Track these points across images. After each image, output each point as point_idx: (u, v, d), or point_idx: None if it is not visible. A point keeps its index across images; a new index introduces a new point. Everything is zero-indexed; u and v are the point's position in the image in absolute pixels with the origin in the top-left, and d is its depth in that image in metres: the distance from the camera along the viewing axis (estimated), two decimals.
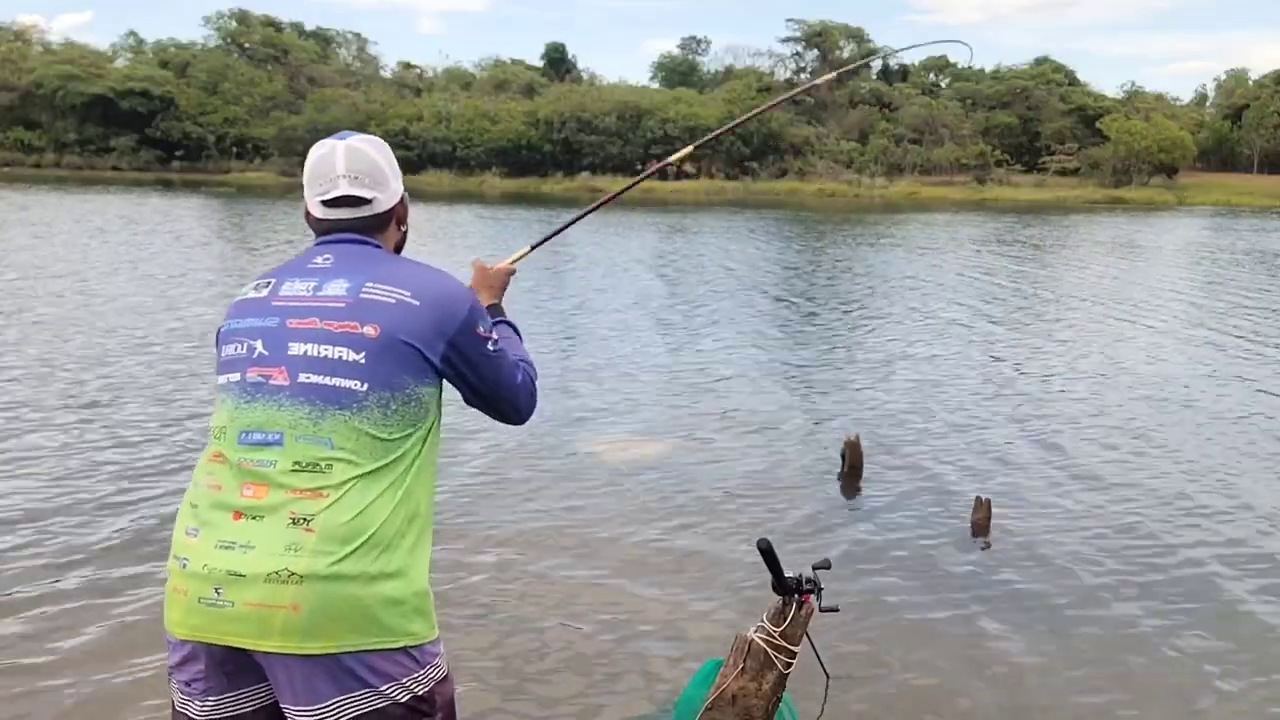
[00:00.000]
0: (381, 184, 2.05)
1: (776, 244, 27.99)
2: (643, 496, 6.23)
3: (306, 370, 1.85)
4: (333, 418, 1.84)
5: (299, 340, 1.87)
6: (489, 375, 2.04)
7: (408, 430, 1.89)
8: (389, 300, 1.90)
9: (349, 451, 1.83)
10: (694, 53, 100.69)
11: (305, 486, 1.80)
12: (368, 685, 1.81)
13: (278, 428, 1.84)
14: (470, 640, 4.28)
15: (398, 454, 1.87)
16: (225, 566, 1.79)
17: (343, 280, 1.92)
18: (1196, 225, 43.80)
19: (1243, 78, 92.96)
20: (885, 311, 15.05)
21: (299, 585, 1.76)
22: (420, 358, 1.90)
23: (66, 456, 6.63)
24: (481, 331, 2.00)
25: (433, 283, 1.96)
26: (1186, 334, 13.47)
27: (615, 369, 10.20)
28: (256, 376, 1.88)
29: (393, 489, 1.86)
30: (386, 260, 2.00)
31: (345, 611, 1.78)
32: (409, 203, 2.18)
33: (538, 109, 74.98)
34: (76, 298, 13.64)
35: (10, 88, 70.72)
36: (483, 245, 25.43)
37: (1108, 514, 6.16)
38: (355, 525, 1.80)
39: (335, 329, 1.87)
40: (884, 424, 8.17)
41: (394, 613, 1.82)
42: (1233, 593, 5.06)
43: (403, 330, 1.88)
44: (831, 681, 3.31)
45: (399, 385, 1.87)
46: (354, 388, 1.85)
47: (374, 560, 1.81)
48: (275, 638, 1.77)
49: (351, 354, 1.86)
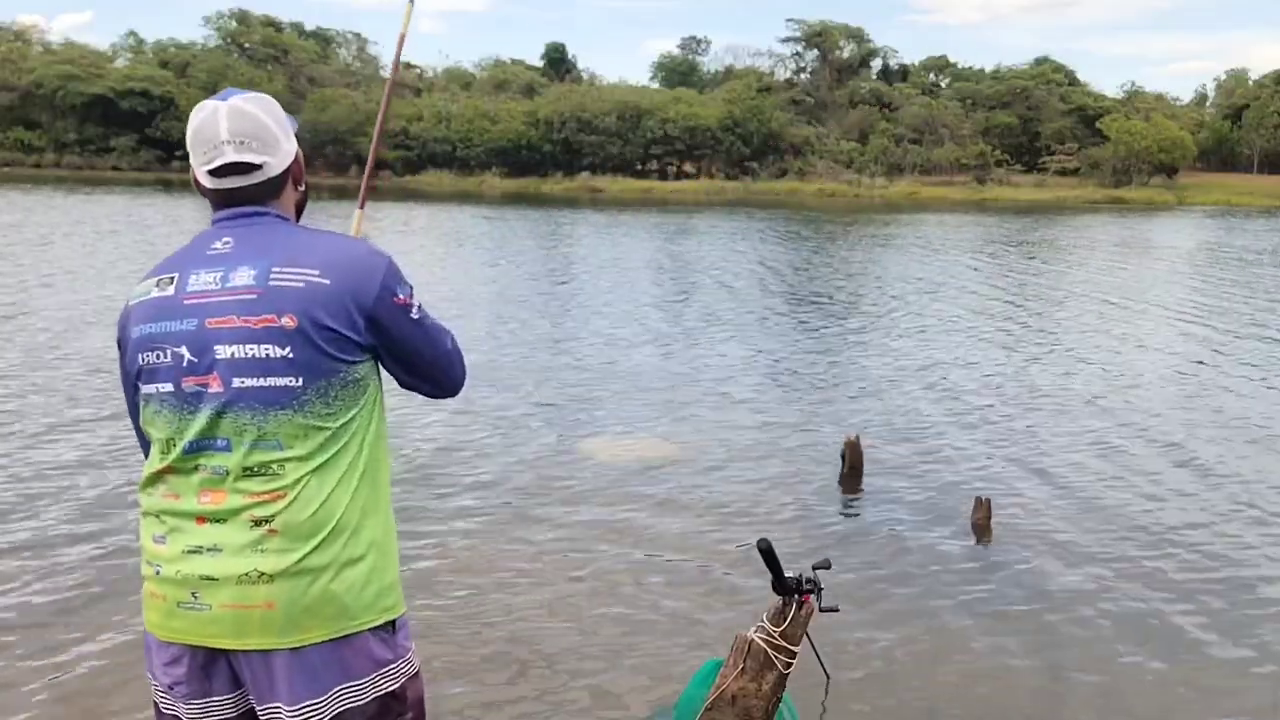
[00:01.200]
0: (271, 146, 1.89)
1: (776, 244, 27.99)
2: (642, 497, 6.23)
3: (238, 374, 1.79)
4: (275, 418, 1.79)
5: (223, 342, 1.79)
6: (416, 344, 1.94)
7: (352, 411, 1.86)
8: (298, 284, 1.80)
9: (299, 449, 1.80)
10: (694, 53, 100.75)
11: (260, 490, 1.79)
12: (347, 678, 1.83)
13: (224, 435, 1.80)
14: (469, 641, 4.28)
15: (347, 438, 1.85)
16: (197, 571, 1.80)
17: (248, 267, 1.82)
18: (1197, 225, 43.79)
19: (1243, 78, 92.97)
20: (885, 311, 15.04)
21: (270, 584, 1.77)
22: (343, 338, 1.82)
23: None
24: (401, 299, 1.88)
25: (341, 255, 1.85)
26: (1188, 334, 13.46)
27: (615, 369, 10.19)
28: (194, 386, 1.81)
29: (349, 473, 1.84)
30: (289, 234, 1.89)
31: (320, 602, 1.79)
32: (302, 161, 2.01)
33: (538, 109, 74.98)
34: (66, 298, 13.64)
35: (10, 88, 70.68)
36: (482, 245, 25.43)
37: (1108, 514, 6.16)
38: (318, 519, 1.80)
39: (255, 325, 1.79)
40: (884, 424, 8.17)
41: (369, 591, 1.84)
42: (1235, 593, 5.05)
43: (319, 314, 1.79)
44: (831, 681, 3.32)
45: (333, 370, 1.82)
46: (290, 384, 1.79)
47: (342, 548, 1.81)
48: (255, 636, 1.80)
49: (278, 350, 1.78)
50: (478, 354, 10.41)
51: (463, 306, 14.45)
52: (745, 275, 19.57)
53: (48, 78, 70.33)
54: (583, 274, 19.23)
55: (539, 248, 25.03)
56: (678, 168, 76.50)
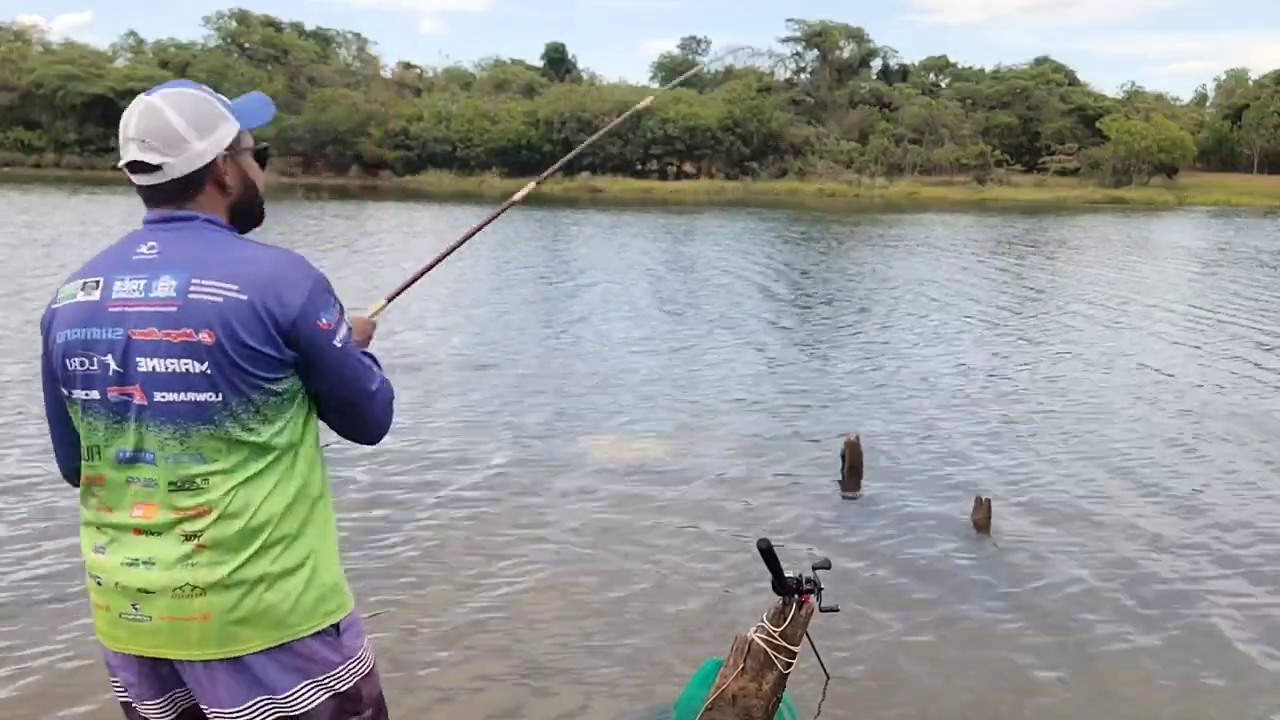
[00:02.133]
0: (174, 147, 1.81)
1: (777, 244, 27.99)
2: (642, 496, 6.23)
3: (160, 389, 1.77)
4: (198, 433, 1.77)
5: (145, 355, 1.77)
6: (334, 375, 1.85)
7: (276, 426, 1.81)
8: (216, 299, 1.75)
9: (224, 463, 1.78)
10: (694, 53, 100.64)
11: (187, 505, 1.78)
12: (289, 684, 1.83)
13: (149, 448, 1.79)
14: (468, 640, 4.29)
15: (276, 452, 1.81)
16: (135, 584, 1.82)
17: (169, 277, 1.77)
18: (1202, 225, 43.78)
19: (1243, 78, 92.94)
20: (885, 311, 15.04)
21: (203, 596, 1.78)
22: (262, 355, 1.77)
23: None
24: (323, 324, 1.81)
25: (262, 270, 1.78)
26: (1189, 334, 13.46)
27: (614, 369, 10.19)
28: (119, 396, 1.79)
29: (282, 485, 1.82)
30: (214, 244, 1.82)
31: (255, 614, 1.79)
32: (241, 164, 1.91)
33: (538, 109, 74.94)
34: None
35: (10, 88, 70.63)
36: (485, 245, 25.43)
37: (1108, 514, 6.16)
38: (247, 532, 1.78)
39: (175, 339, 1.75)
40: (884, 424, 8.17)
41: (307, 598, 1.83)
42: (1236, 593, 5.06)
43: (236, 330, 1.74)
44: (831, 681, 3.32)
45: (253, 386, 1.77)
46: (210, 400, 1.76)
47: (274, 560, 1.80)
48: (194, 647, 1.81)
49: (197, 365, 1.75)
50: (478, 353, 10.41)
51: (464, 306, 14.45)
52: (745, 275, 19.56)
53: (48, 78, 70.30)
54: (584, 274, 19.23)
55: (541, 248, 25.03)
56: (678, 168, 76.46)
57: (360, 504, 5.82)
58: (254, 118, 1.94)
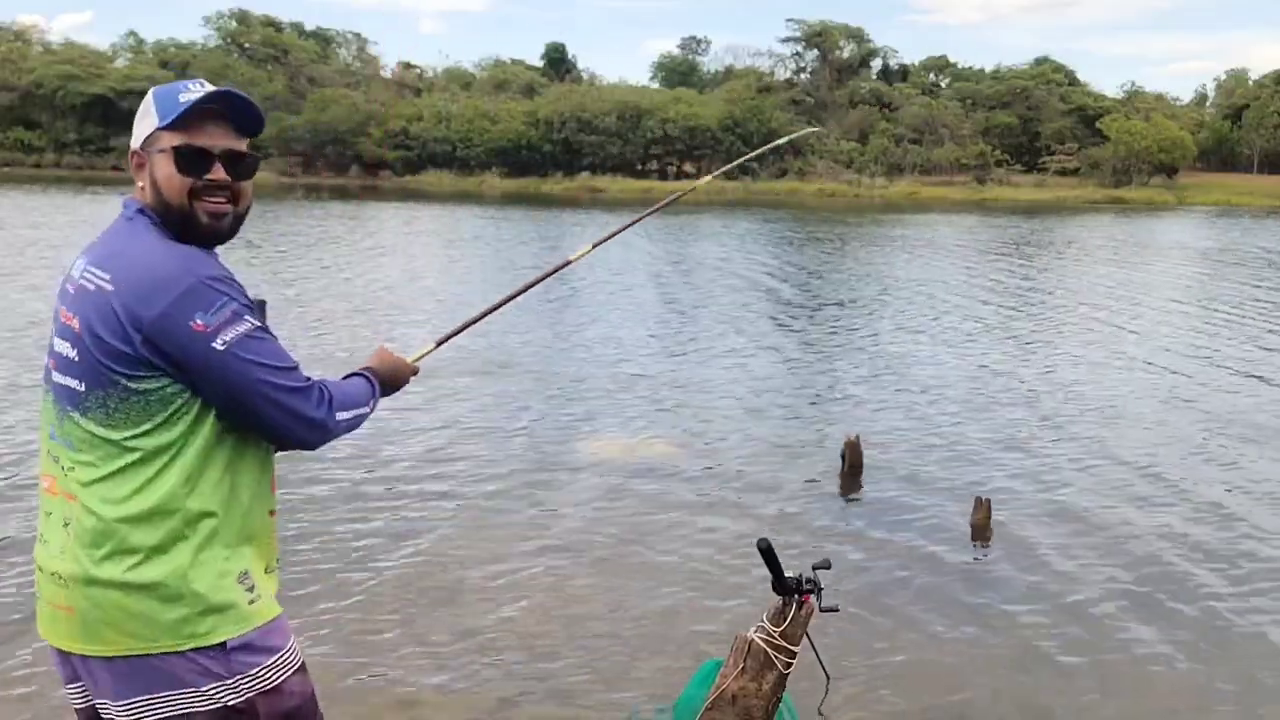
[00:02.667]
0: (133, 135, 1.88)
1: (776, 245, 27.99)
2: (643, 496, 6.23)
3: (58, 368, 1.80)
4: (68, 419, 1.77)
5: (57, 334, 1.82)
6: (215, 378, 1.72)
7: (141, 428, 1.73)
8: (90, 287, 1.74)
9: (85, 454, 1.75)
10: (694, 53, 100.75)
11: (63, 489, 1.78)
12: (164, 689, 1.75)
13: (51, 420, 1.82)
14: (467, 640, 4.29)
15: (137, 454, 1.73)
16: (38, 562, 1.85)
17: (83, 259, 1.81)
18: (1202, 225, 43.78)
19: (1243, 78, 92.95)
20: (886, 312, 15.04)
21: (67, 589, 1.76)
22: (116, 351, 1.70)
23: None
24: (198, 325, 1.68)
25: (138, 264, 1.72)
26: (1190, 334, 13.46)
27: (614, 370, 10.19)
28: (48, 369, 1.84)
29: (141, 493, 1.73)
30: (126, 234, 1.80)
31: (113, 617, 1.73)
32: (153, 163, 1.83)
33: (538, 109, 74.94)
34: None
35: (10, 88, 70.64)
36: (489, 245, 25.43)
37: (1108, 514, 6.16)
38: (100, 532, 1.73)
39: (64, 321, 1.79)
40: (884, 424, 8.17)
41: (168, 617, 1.73)
42: (1238, 594, 5.05)
43: (96, 321, 1.71)
44: (831, 681, 3.32)
45: (110, 381, 1.72)
46: (75, 387, 1.75)
47: (129, 569, 1.72)
48: (64, 639, 1.79)
49: (70, 349, 1.76)
50: (480, 355, 10.41)
51: (465, 307, 14.45)
52: (745, 275, 19.56)
53: (48, 78, 70.31)
54: (586, 274, 19.22)
55: (543, 249, 25.02)
56: (678, 168, 76.46)
57: (360, 504, 5.83)
58: (166, 114, 1.82)
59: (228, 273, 1.78)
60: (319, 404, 1.84)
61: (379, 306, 14.25)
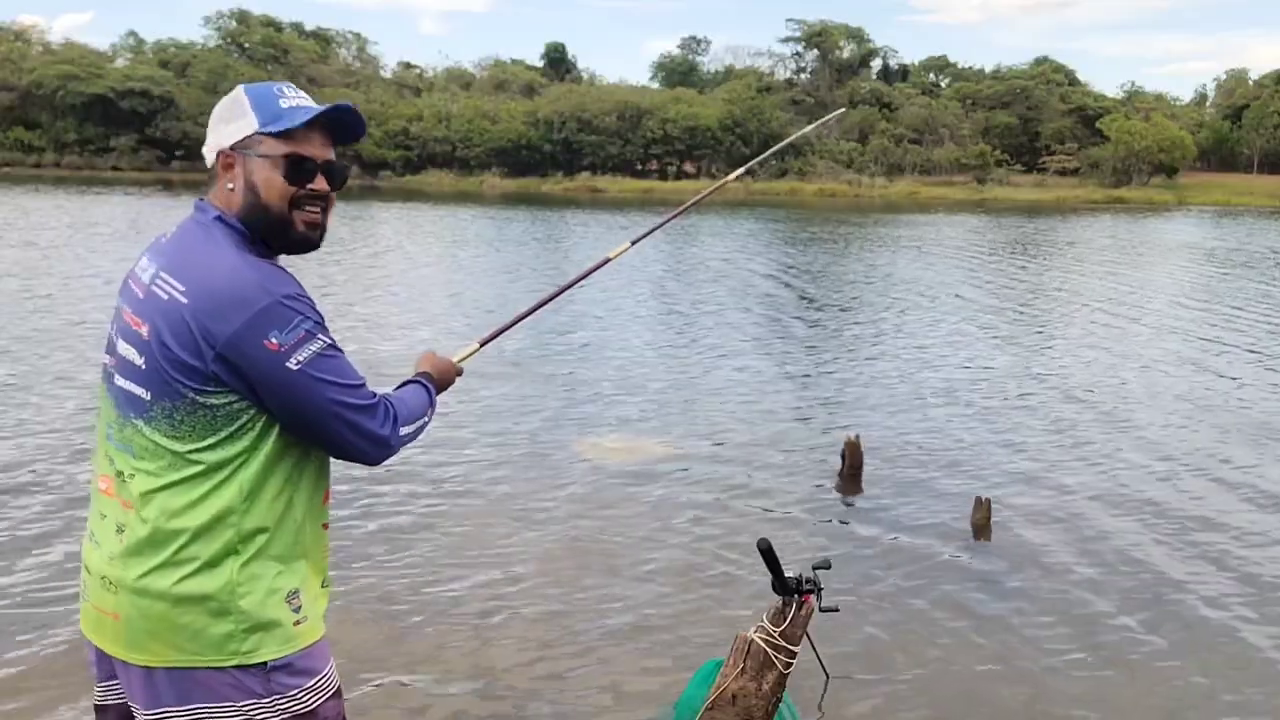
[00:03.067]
0: (211, 134, 1.84)
1: (777, 245, 27.99)
2: (642, 497, 6.23)
3: (119, 371, 1.77)
4: (130, 425, 1.74)
5: (120, 335, 1.79)
6: (285, 396, 1.70)
7: (207, 441, 1.71)
8: (163, 295, 1.70)
9: (147, 462, 1.73)
10: (694, 53, 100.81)
11: (121, 495, 1.76)
12: (201, 701, 1.74)
13: (111, 422, 1.80)
14: (469, 641, 4.29)
15: (200, 468, 1.71)
16: (86, 562, 1.84)
17: (151, 263, 1.78)
18: (1206, 226, 43.76)
19: (1243, 78, 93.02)
20: (886, 312, 15.04)
21: (116, 594, 1.74)
22: (187, 365, 1.67)
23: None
24: (272, 344, 1.66)
25: (215, 279, 1.68)
26: (1190, 334, 13.46)
27: (614, 370, 10.19)
28: (109, 366, 1.82)
29: (201, 505, 1.71)
30: (197, 240, 1.76)
31: (159, 628, 1.71)
32: (247, 167, 1.79)
33: (538, 109, 75.00)
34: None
35: (10, 88, 70.65)
36: (493, 246, 25.43)
37: (1108, 514, 6.16)
38: (154, 541, 1.71)
39: (131, 325, 1.75)
40: (884, 424, 8.17)
41: (215, 632, 1.72)
42: (1238, 594, 5.05)
43: (167, 333, 1.68)
44: (831, 681, 3.32)
45: (177, 394, 1.69)
46: (141, 395, 1.72)
47: (178, 581, 1.70)
48: (109, 643, 1.78)
49: (136, 356, 1.73)
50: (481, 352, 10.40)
51: (467, 307, 14.45)
52: (746, 275, 19.56)
53: (48, 78, 70.30)
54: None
55: (545, 249, 25.02)
56: (678, 168, 76.51)
57: (360, 503, 5.83)
58: (278, 121, 1.79)
59: (302, 290, 1.74)
60: (384, 421, 1.83)
61: (393, 308, 14.24)
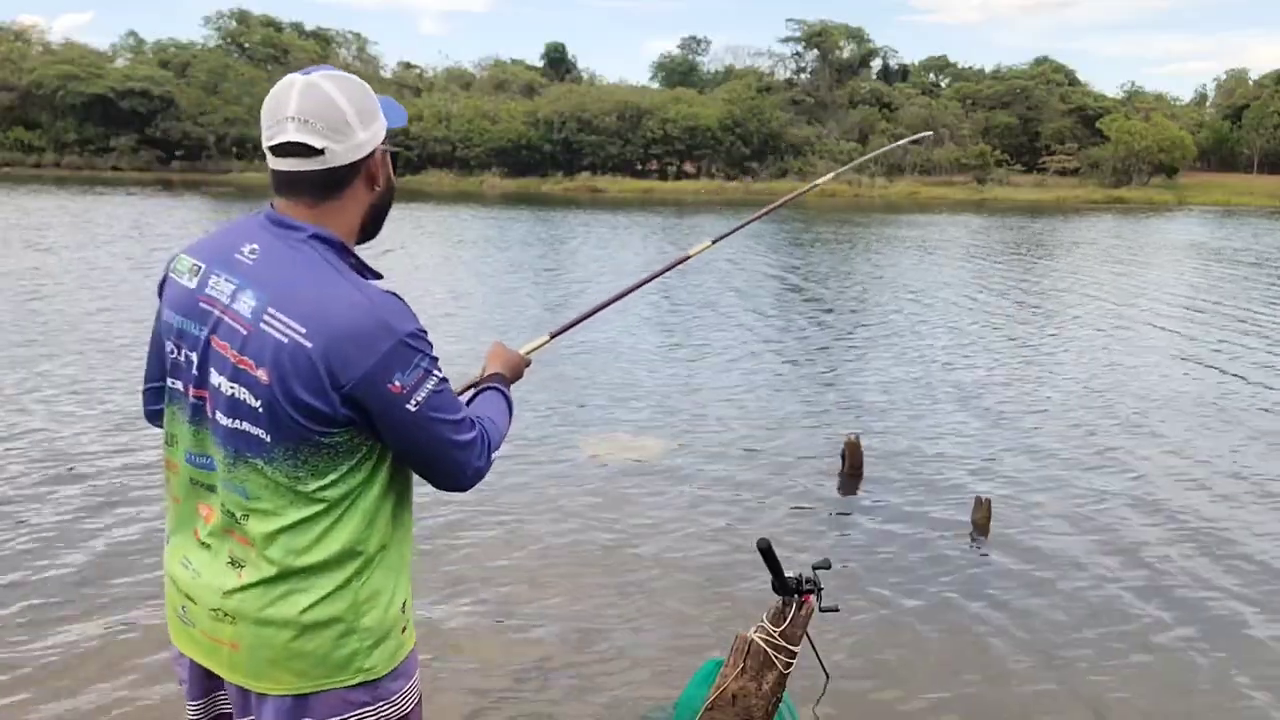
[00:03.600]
0: (338, 131, 1.68)
1: (778, 245, 27.97)
2: (643, 496, 6.23)
3: (221, 409, 1.69)
4: (245, 465, 1.68)
5: (216, 368, 1.68)
6: (403, 435, 1.69)
7: (329, 477, 1.68)
8: (282, 338, 1.61)
9: (266, 503, 1.68)
10: (694, 53, 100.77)
11: (235, 531, 1.72)
12: (322, 716, 1.74)
13: (214, 457, 1.73)
14: (469, 640, 4.29)
15: (324, 504, 1.68)
16: (184, 588, 1.80)
17: (251, 295, 1.65)
18: (1210, 226, 43.75)
19: (1243, 78, 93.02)
20: (886, 312, 15.04)
21: (234, 625, 1.72)
22: (314, 410, 1.62)
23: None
24: (395, 387, 1.63)
25: (340, 320, 1.61)
26: (1190, 334, 13.46)
27: (615, 370, 10.19)
28: (196, 399, 1.73)
29: (326, 539, 1.69)
30: (306, 268, 1.66)
31: (283, 656, 1.70)
32: (386, 162, 1.82)
33: (538, 109, 74.95)
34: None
35: (10, 88, 70.57)
36: (494, 245, 25.43)
37: (1108, 514, 6.16)
38: (282, 577, 1.69)
39: (237, 363, 1.65)
40: (885, 424, 8.17)
41: (341, 652, 1.72)
42: (1238, 594, 5.06)
43: (292, 378, 1.61)
44: (831, 681, 3.32)
45: (303, 436, 1.64)
46: (260, 436, 1.66)
47: (311, 606, 1.69)
48: (226, 671, 1.78)
49: (251, 398, 1.64)
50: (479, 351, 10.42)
51: (468, 308, 14.45)
52: (746, 276, 19.56)
53: (48, 78, 70.23)
54: (588, 275, 19.23)
55: (547, 250, 25.01)
56: (678, 168, 76.47)
57: None
58: (394, 118, 1.81)
59: (416, 321, 1.70)
60: (481, 453, 1.81)
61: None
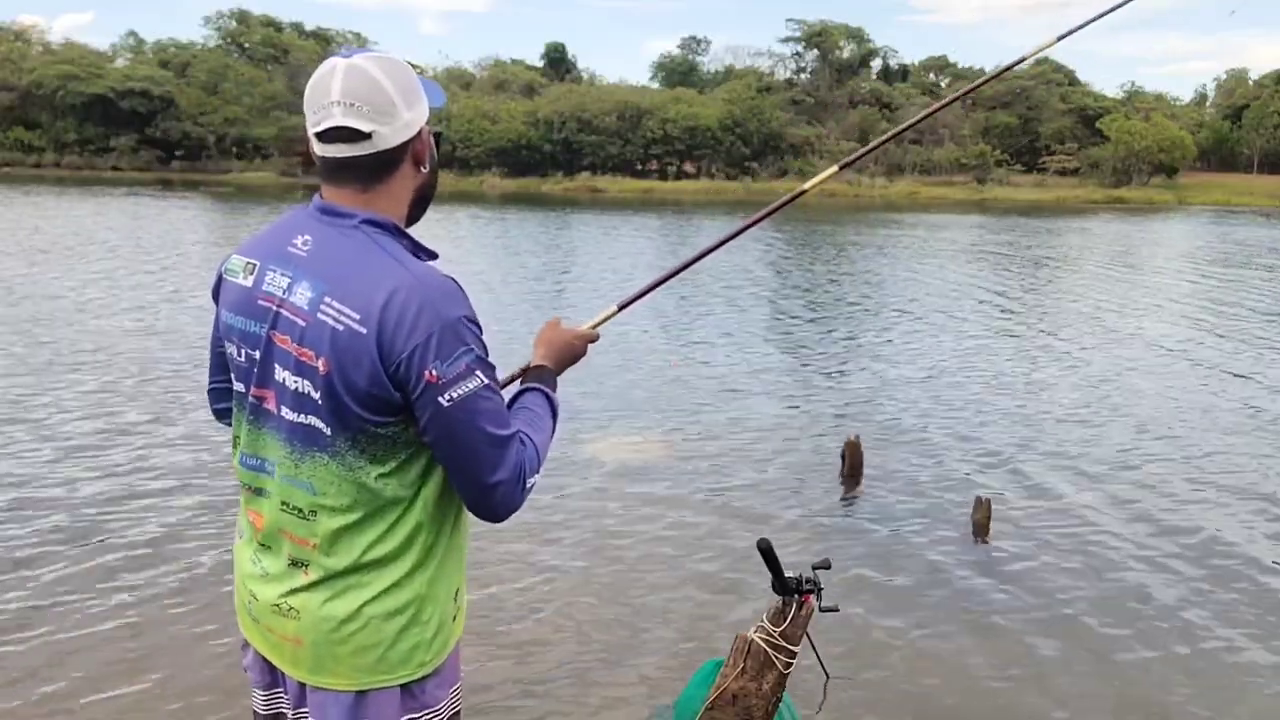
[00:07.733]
0: (385, 114, 1.64)
1: (778, 245, 27.97)
2: (643, 497, 6.23)
3: (285, 404, 1.67)
4: (311, 460, 1.67)
5: (280, 364, 1.67)
6: (433, 433, 1.63)
7: (389, 466, 1.67)
8: (339, 326, 1.59)
9: (332, 498, 1.67)
10: (694, 53, 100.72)
11: (295, 532, 1.72)
12: (384, 713, 1.76)
13: (272, 458, 1.72)
14: (468, 640, 4.28)
15: (390, 496, 1.67)
16: (250, 584, 1.81)
17: (308, 285, 1.63)
18: (1212, 226, 43.75)
19: (1243, 78, 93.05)
20: (886, 313, 15.04)
21: (298, 620, 1.73)
22: (374, 397, 1.60)
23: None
24: (432, 375, 1.58)
25: (392, 302, 1.58)
26: (1190, 334, 13.46)
27: (616, 370, 10.19)
28: (255, 398, 1.72)
29: (392, 531, 1.69)
30: (361, 254, 1.64)
31: (349, 650, 1.71)
32: (431, 142, 1.77)
33: (538, 109, 74.95)
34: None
35: (10, 88, 70.57)
36: (489, 246, 25.42)
37: (1108, 514, 6.16)
38: (351, 569, 1.69)
39: (298, 355, 1.63)
40: (884, 424, 8.17)
41: (402, 646, 1.73)
42: (1238, 593, 5.06)
43: (349, 367, 1.59)
44: (831, 681, 3.32)
45: (363, 427, 1.63)
46: (322, 429, 1.64)
47: (375, 599, 1.70)
48: (288, 666, 1.78)
49: (313, 390, 1.63)
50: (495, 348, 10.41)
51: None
52: (747, 276, 19.55)
53: (48, 78, 70.23)
54: (589, 274, 19.23)
55: (548, 249, 25.01)
56: (678, 168, 76.46)
57: None
58: (434, 97, 1.76)
59: (469, 306, 1.66)
60: (516, 484, 1.71)
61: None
